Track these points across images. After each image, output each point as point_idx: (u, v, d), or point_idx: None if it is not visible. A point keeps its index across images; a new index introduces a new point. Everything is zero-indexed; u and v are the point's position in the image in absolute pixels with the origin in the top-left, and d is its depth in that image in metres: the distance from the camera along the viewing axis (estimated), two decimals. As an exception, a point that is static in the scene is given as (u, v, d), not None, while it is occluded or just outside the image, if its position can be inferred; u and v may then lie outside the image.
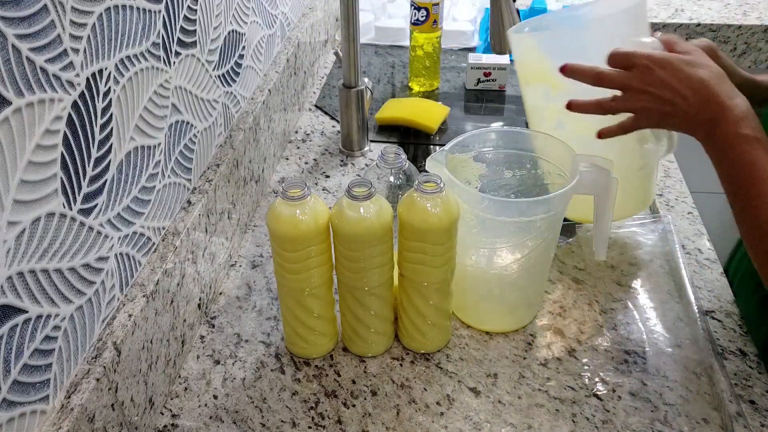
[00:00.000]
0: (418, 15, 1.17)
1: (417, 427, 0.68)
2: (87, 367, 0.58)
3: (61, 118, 0.52)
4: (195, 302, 0.76)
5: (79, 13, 0.53)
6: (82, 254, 0.57)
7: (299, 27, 1.17)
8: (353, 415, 0.69)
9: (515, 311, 0.78)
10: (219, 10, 0.81)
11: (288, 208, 0.65)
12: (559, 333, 0.78)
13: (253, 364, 0.75)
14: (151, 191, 0.68)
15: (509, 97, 1.23)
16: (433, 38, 1.19)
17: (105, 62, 0.57)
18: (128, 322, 0.62)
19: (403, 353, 0.75)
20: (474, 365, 0.74)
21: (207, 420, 0.69)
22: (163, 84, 0.68)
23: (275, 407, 0.70)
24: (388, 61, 1.36)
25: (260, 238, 0.92)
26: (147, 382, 0.66)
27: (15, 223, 0.48)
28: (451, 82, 1.27)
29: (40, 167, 0.50)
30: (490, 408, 0.69)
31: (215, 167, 0.82)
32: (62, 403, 0.55)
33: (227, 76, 0.86)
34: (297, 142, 1.12)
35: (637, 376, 0.72)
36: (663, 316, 0.79)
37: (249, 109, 0.94)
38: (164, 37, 0.68)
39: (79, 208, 0.56)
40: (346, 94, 1.03)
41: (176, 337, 0.72)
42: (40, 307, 0.52)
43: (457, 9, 1.46)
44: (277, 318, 0.80)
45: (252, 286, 0.85)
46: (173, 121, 0.71)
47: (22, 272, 0.49)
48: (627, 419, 0.68)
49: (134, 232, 0.65)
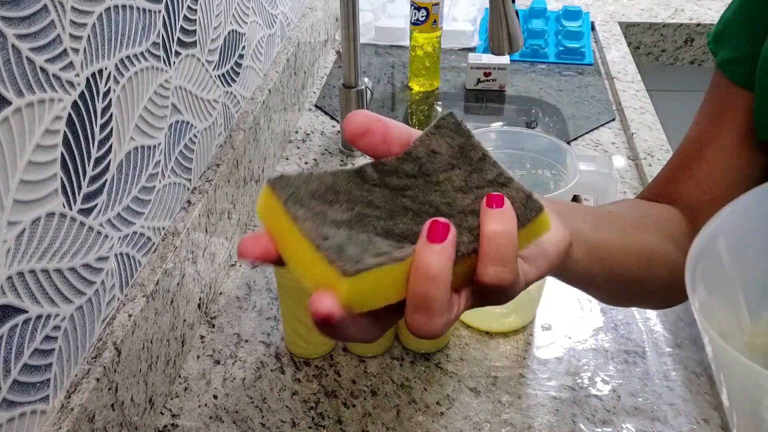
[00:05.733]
0: (418, 15, 1.17)
1: (417, 427, 0.68)
2: (87, 367, 0.58)
3: (61, 118, 0.52)
4: (195, 302, 0.76)
5: (79, 13, 0.53)
6: (82, 254, 0.57)
7: (299, 27, 1.17)
8: (353, 415, 0.69)
9: (515, 311, 0.78)
10: (219, 10, 0.81)
11: (288, 208, 0.64)
12: (559, 333, 0.78)
13: (253, 364, 0.75)
14: (151, 191, 0.68)
15: (509, 97, 1.23)
16: (433, 38, 1.19)
17: (105, 62, 0.57)
18: (128, 322, 0.62)
19: (403, 353, 0.75)
20: (474, 365, 0.74)
21: (207, 420, 0.69)
22: (163, 84, 0.68)
23: (275, 407, 0.70)
24: (388, 61, 1.36)
25: (260, 238, 0.92)
26: (147, 382, 0.66)
27: (15, 223, 0.48)
28: (451, 82, 1.27)
29: (40, 167, 0.50)
30: (490, 408, 0.69)
31: (215, 167, 0.82)
32: (62, 403, 0.55)
33: (227, 76, 0.86)
34: (297, 142, 1.12)
35: (637, 376, 0.72)
36: (663, 316, 0.79)
37: (249, 109, 0.94)
38: (164, 37, 0.68)
39: (79, 208, 0.56)
40: (346, 94, 1.03)
41: (176, 337, 0.72)
42: (40, 307, 0.52)
43: (457, 9, 1.46)
44: (277, 318, 0.80)
45: (252, 286, 0.85)
46: (173, 121, 0.71)
47: (22, 272, 0.49)
48: (627, 419, 0.68)
49: (134, 232, 0.65)
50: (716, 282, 0.43)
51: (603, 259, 0.49)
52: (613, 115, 1.16)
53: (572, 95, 1.22)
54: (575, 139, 1.10)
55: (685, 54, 1.50)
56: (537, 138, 0.77)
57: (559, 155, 0.75)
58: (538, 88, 1.25)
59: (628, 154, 1.07)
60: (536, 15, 1.40)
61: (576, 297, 0.82)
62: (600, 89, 1.24)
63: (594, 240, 0.48)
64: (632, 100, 1.18)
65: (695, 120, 0.63)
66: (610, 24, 1.46)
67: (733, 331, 0.44)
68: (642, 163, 1.01)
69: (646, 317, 0.79)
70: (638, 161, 1.03)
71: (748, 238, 0.45)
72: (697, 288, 0.40)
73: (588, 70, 1.30)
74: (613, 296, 0.59)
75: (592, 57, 1.33)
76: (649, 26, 1.47)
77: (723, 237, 0.43)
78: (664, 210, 0.61)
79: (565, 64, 1.32)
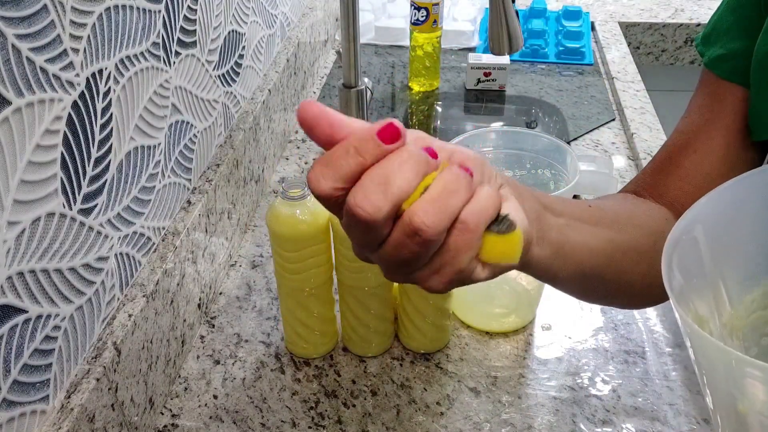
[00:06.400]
0: (418, 15, 1.17)
1: (417, 427, 0.68)
2: (87, 367, 0.58)
3: (61, 118, 0.52)
4: (195, 302, 0.76)
5: (79, 13, 0.53)
6: (82, 254, 0.57)
7: (299, 27, 1.17)
8: (353, 415, 0.69)
9: (515, 311, 0.78)
10: (219, 10, 0.81)
11: (288, 208, 0.64)
12: (559, 333, 0.78)
13: (253, 364, 0.75)
14: (151, 191, 0.68)
15: (509, 97, 1.23)
16: (433, 38, 1.19)
17: (105, 62, 0.57)
18: (128, 322, 0.62)
19: (403, 353, 0.75)
20: (474, 365, 0.74)
21: (207, 420, 0.69)
22: (163, 84, 0.68)
23: (275, 407, 0.70)
24: (388, 61, 1.36)
25: (260, 238, 0.92)
26: (147, 382, 0.66)
27: (15, 223, 0.48)
28: (451, 82, 1.27)
29: (40, 167, 0.50)
30: (490, 408, 0.69)
31: (215, 167, 0.82)
32: (62, 403, 0.55)
33: (227, 76, 0.86)
34: (297, 142, 1.12)
35: (637, 376, 0.72)
36: (663, 316, 0.79)
37: (249, 109, 0.94)
38: (164, 37, 0.68)
39: (79, 208, 0.56)
40: (346, 94, 1.02)
41: (176, 337, 0.72)
42: (40, 307, 0.52)
43: (457, 9, 1.46)
44: (277, 318, 0.80)
45: (252, 286, 0.85)
46: (173, 121, 0.71)
47: (22, 272, 0.49)
48: (627, 419, 0.68)
49: (134, 232, 0.65)
50: (694, 268, 0.44)
51: (568, 258, 0.48)
52: (613, 115, 1.16)
53: (572, 95, 1.22)
54: (575, 139, 1.10)
55: (685, 54, 1.50)
56: (537, 138, 0.77)
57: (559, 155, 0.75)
58: (538, 88, 1.25)
59: (628, 154, 1.07)
60: (536, 15, 1.40)
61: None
62: (600, 89, 1.24)
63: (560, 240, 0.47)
64: (632, 100, 1.18)
65: (684, 115, 0.63)
66: (610, 24, 1.46)
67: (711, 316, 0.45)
68: (642, 163, 1.01)
69: (646, 317, 0.79)
70: (638, 161, 1.03)
71: (725, 226, 0.46)
72: (674, 273, 0.41)
73: (588, 70, 1.30)
74: (583, 293, 0.58)
75: (592, 57, 1.33)
76: (649, 26, 1.47)
77: (701, 225, 0.44)
78: (653, 208, 0.60)
79: (565, 64, 1.32)
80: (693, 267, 0.44)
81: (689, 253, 0.43)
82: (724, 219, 0.45)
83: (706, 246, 0.44)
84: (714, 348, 0.36)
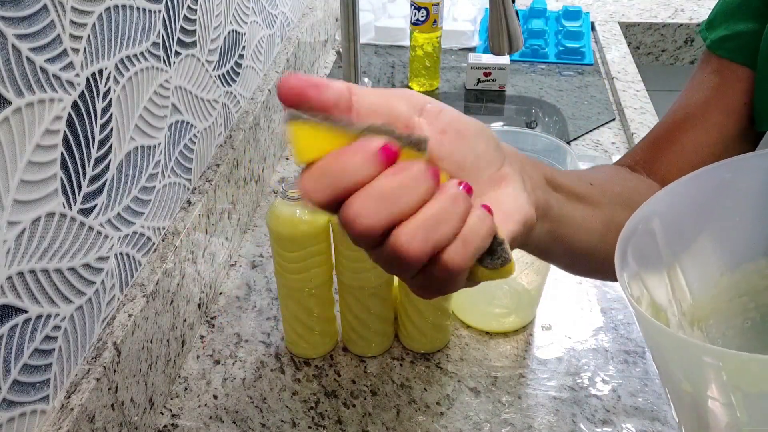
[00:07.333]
0: (418, 15, 1.17)
1: (417, 427, 0.68)
2: (87, 367, 0.58)
3: (61, 118, 0.52)
4: (195, 302, 0.76)
5: (79, 13, 0.53)
6: (82, 254, 0.57)
7: (299, 27, 1.17)
8: (353, 415, 0.69)
9: (515, 311, 0.78)
10: (219, 10, 0.81)
11: (288, 208, 0.65)
12: (559, 333, 0.78)
13: (253, 364, 0.75)
14: (151, 191, 0.68)
15: (509, 97, 1.23)
16: (433, 38, 1.19)
17: (105, 62, 0.57)
18: (128, 322, 0.62)
19: (403, 353, 0.75)
20: (474, 365, 0.74)
21: (207, 420, 0.69)
22: (163, 84, 0.68)
23: (275, 407, 0.70)
24: (388, 61, 1.36)
25: (260, 238, 0.92)
26: (147, 382, 0.66)
27: (15, 223, 0.48)
28: (451, 82, 1.27)
29: (40, 167, 0.50)
30: (490, 408, 0.69)
31: (215, 167, 0.82)
32: (62, 403, 0.55)
33: (227, 76, 0.86)
34: (297, 142, 1.12)
35: (637, 376, 0.72)
36: (663, 316, 0.79)
37: (249, 109, 0.94)
38: (164, 37, 0.68)
39: (79, 208, 0.56)
40: (346, 94, 1.02)
41: (176, 337, 0.72)
42: (40, 307, 0.52)
43: (457, 9, 1.46)
44: (277, 318, 0.80)
45: (252, 286, 0.85)
46: (173, 121, 0.71)
47: (22, 272, 0.49)
48: (627, 419, 0.68)
49: (134, 232, 0.65)
50: (650, 259, 0.44)
51: (563, 235, 0.48)
52: (613, 115, 1.16)
53: (572, 95, 1.22)
54: (575, 139, 1.10)
55: (685, 54, 1.50)
56: (537, 138, 0.77)
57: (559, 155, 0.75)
58: (538, 88, 1.25)
59: (628, 154, 1.07)
60: (536, 15, 1.40)
61: (576, 297, 0.82)
62: (600, 89, 1.24)
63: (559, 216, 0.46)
64: (632, 100, 1.18)
65: (681, 95, 0.62)
66: (610, 24, 1.46)
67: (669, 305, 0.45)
68: (642, 163, 1.01)
69: (646, 317, 0.79)
70: (638, 161, 1.03)
71: (683, 219, 0.45)
72: (628, 261, 0.41)
73: (588, 70, 1.30)
74: (573, 268, 0.57)
75: (592, 57, 1.33)
76: (649, 26, 1.47)
77: (658, 218, 0.44)
78: (646, 184, 0.59)
79: (565, 64, 1.32)
80: (650, 257, 0.44)
81: (646, 244, 0.43)
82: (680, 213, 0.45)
83: (664, 239, 0.44)
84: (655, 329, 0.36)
